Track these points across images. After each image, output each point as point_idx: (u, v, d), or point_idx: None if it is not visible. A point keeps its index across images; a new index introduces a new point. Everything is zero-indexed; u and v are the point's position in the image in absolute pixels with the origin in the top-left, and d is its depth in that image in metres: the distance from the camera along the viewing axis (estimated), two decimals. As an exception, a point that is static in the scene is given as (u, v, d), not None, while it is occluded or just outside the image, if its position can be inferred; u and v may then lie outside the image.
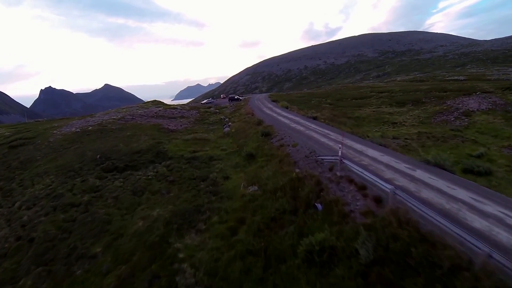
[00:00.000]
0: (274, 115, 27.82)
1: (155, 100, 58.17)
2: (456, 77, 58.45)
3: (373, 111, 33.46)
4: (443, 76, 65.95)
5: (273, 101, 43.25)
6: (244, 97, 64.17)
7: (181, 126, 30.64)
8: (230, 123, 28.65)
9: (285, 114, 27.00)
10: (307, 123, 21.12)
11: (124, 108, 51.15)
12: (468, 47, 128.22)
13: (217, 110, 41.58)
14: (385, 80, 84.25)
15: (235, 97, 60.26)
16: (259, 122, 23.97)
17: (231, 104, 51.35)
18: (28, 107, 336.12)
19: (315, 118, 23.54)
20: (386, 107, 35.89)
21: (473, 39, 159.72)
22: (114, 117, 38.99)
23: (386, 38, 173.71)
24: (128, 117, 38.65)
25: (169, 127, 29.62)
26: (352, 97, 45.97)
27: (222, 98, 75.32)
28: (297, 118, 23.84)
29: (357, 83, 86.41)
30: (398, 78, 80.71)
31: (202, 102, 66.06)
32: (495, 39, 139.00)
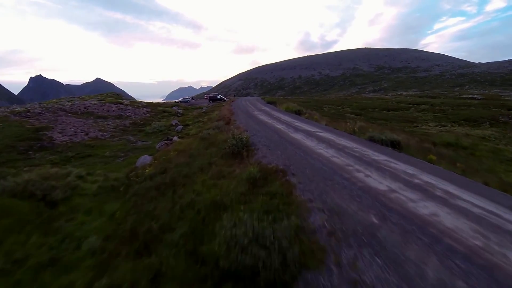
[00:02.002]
0: (279, 126, 11.66)
1: (110, 93, 41.31)
2: (471, 96, 46.15)
3: (442, 131, 18.34)
4: (454, 94, 53.22)
5: (269, 102, 26.98)
6: (230, 98, 47.74)
7: (87, 135, 14.11)
8: (175, 137, 12.27)
9: (306, 128, 10.86)
10: (423, 177, 5.22)
11: (61, 99, 34.54)
12: (464, 68, 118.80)
13: (180, 111, 25.25)
14: (389, 94, 71.72)
15: (218, 97, 43.87)
16: (240, 149, 7.82)
17: (210, 105, 35.13)
18: (16, 94, 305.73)
19: (397, 147, 7.74)
20: (452, 126, 20.88)
21: (468, 61, 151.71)
22: (19, 110, 22.50)
23: (383, 53, 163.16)
24: (37, 110, 21.99)
25: (55, 136, 13.02)
26: (381, 107, 30.79)
27: (205, 98, 59.53)
28: (353, 145, 7.91)
29: (354, 96, 73.35)
30: (404, 93, 68.20)
31: (177, 100, 49.91)
32: (491, 62, 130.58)
